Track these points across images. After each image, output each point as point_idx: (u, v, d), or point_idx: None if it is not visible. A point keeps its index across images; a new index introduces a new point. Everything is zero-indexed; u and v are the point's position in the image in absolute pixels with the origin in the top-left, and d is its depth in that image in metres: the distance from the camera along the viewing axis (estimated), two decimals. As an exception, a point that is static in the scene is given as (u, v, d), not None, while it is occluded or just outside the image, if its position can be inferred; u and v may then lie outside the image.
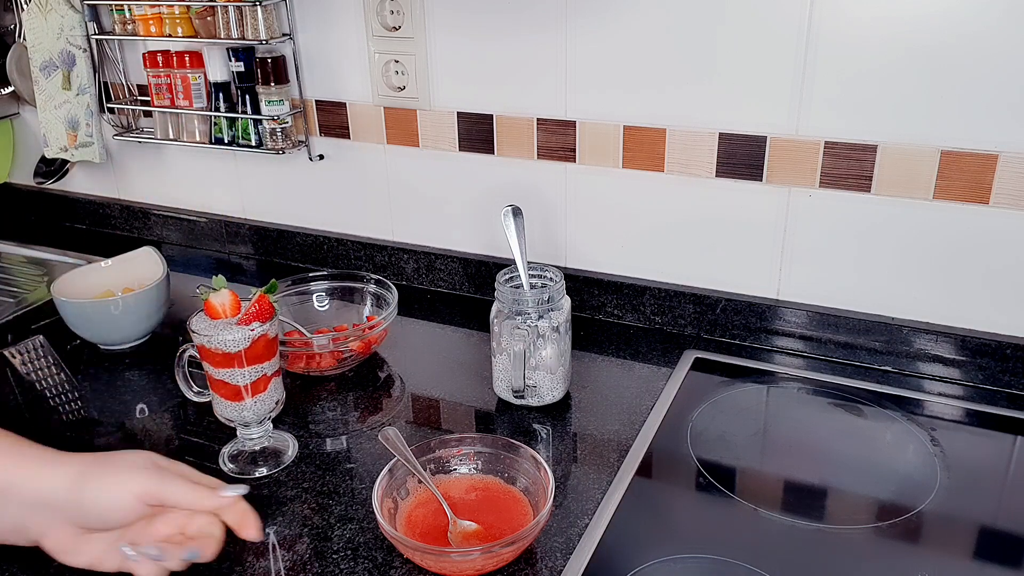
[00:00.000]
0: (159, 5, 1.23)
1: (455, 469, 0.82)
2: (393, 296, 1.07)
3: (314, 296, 1.13)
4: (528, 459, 0.79)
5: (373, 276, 1.12)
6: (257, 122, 1.26)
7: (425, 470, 0.79)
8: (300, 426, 0.94)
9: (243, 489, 0.69)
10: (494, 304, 0.94)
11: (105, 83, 1.37)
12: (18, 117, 1.56)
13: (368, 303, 1.12)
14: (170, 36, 1.25)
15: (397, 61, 1.16)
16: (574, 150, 1.10)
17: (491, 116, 1.14)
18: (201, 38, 1.23)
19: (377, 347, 1.07)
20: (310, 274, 1.14)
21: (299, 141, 1.27)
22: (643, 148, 1.06)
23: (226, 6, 1.18)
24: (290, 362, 1.01)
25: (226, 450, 0.88)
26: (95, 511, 0.64)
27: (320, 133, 1.27)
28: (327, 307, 1.13)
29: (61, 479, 0.64)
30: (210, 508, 0.67)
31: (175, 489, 0.66)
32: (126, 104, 1.39)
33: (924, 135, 0.92)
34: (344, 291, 1.14)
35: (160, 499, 0.65)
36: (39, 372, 1.08)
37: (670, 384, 0.99)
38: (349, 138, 1.26)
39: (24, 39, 1.38)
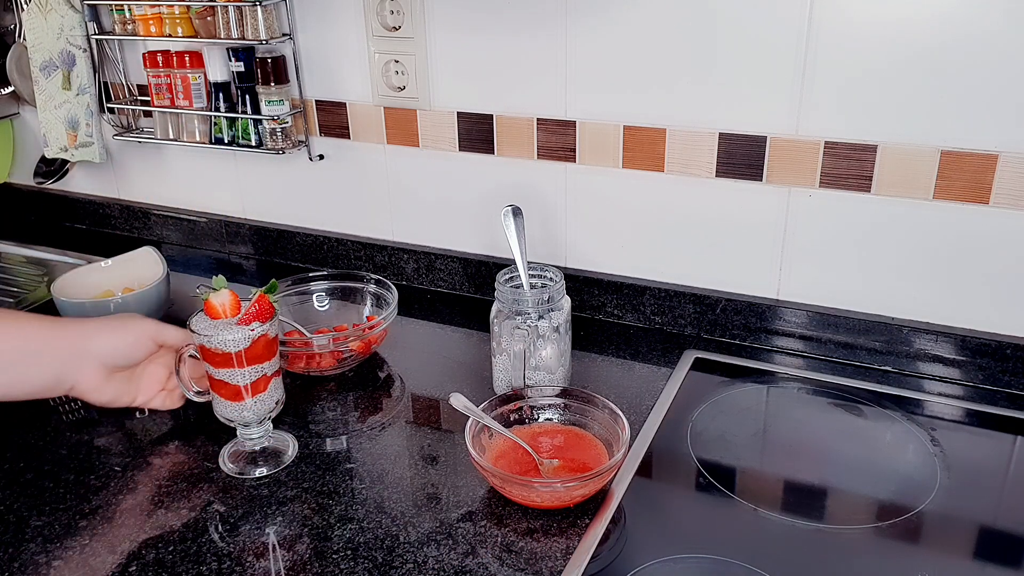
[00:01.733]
0: (159, 5, 1.23)
1: (528, 420, 0.88)
2: (393, 296, 1.07)
3: (314, 296, 1.13)
4: (600, 407, 0.86)
5: (373, 276, 1.12)
6: (257, 122, 1.26)
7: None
8: (300, 426, 0.94)
9: None
10: (494, 304, 0.94)
11: (105, 83, 1.37)
12: (18, 117, 1.56)
13: (368, 303, 1.12)
14: (170, 36, 1.25)
15: (397, 61, 1.16)
16: (574, 150, 1.10)
17: (491, 116, 1.14)
18: (201, 38, 1.23)
19: (377, 347, 1.07)
20: (310, 274, 1.14)
21: (299, 141, 1.27)
22: (643, 148, 1.06)
23: (226, 6, 1.18)
24: (290, 362, 1.01)
25: (226, 450, 0.88)
26: (121, 349, 0.85)
27: (320, 133, 1.27)
28: (327, 307, 1.13)
29: (91, 331, 0.85)
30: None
31: (173, 331, 0.89)
32: (126, 104, 1.39)
33: (924, 135, 0.92)
34: (344, 291, 1.14)
35: (163, 338, 0.88)
36: (39, 372, 1.07)
37: (670, 384, 0.99)
38: (349, 138, 1.26)
39: (24, 39, 1.38)
